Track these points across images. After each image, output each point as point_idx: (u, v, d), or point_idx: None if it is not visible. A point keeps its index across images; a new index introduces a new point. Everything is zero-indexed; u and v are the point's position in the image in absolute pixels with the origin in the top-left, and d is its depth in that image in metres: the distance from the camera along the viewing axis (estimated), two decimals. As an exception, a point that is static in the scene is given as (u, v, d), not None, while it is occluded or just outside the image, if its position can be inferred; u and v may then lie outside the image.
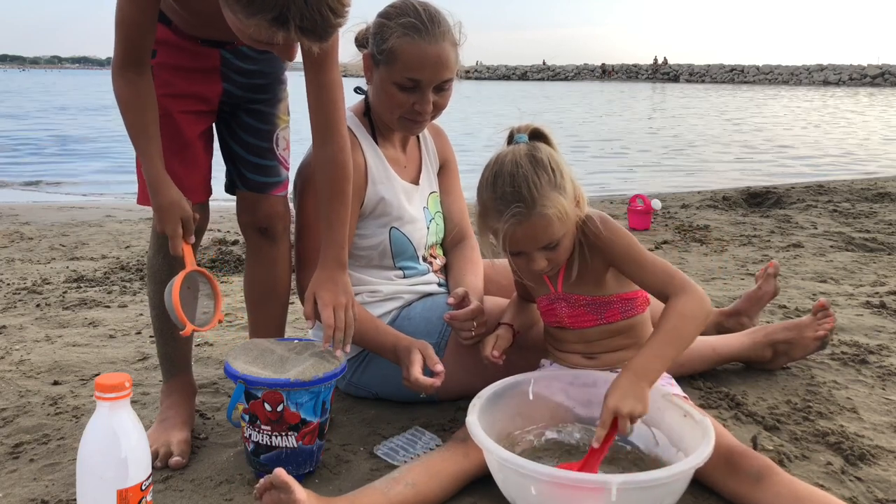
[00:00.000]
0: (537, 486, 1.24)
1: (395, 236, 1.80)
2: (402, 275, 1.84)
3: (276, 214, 1.76)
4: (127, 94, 1.46)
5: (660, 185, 6.92)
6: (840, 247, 3.70)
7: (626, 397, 1.30)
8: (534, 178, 1.39)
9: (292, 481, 1.25)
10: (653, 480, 1.19)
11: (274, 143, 1.74)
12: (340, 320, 1.51)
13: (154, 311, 1.72)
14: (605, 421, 1.31)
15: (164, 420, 1.65)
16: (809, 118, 17.34)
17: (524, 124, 1.50)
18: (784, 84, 55.02)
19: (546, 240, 1.42)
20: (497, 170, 1.43)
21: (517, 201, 1.38)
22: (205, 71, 1.60)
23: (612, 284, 1.54)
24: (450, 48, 1.65)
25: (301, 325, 2.44)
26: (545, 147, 1.45)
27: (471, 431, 1.33)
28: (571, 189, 1.43)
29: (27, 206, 5.53)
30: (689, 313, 1.40)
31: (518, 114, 16.78)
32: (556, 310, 1.58)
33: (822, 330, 2.01)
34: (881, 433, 1.70)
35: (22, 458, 1.60)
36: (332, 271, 1.55)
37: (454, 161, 2.02)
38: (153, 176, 1.49)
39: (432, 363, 1.57)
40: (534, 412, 1.53)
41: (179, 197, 1.51)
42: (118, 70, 1.46)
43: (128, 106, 1.47)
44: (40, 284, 3.04)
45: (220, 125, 1.72)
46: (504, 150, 1.46)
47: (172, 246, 1.52)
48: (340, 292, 1.53)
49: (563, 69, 76.52)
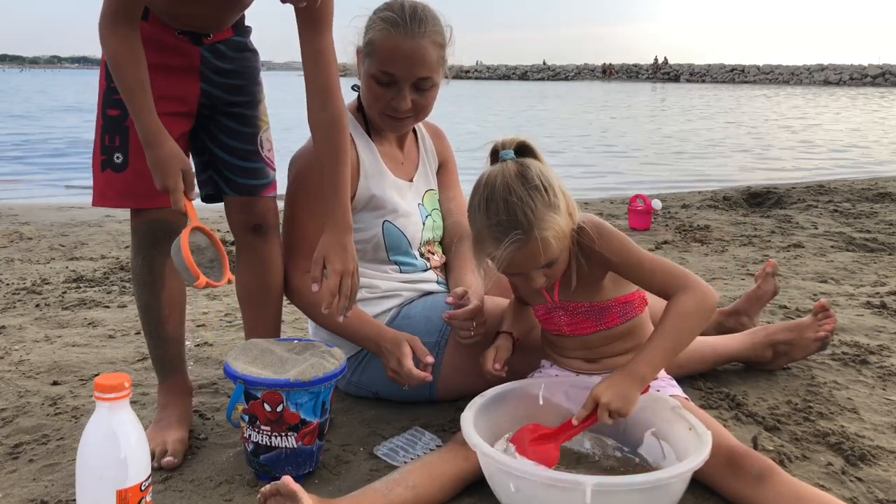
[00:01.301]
0: (516, 483, 1.25)
1: (389, 229, 1.81)
2: (398, 269, 1.84)
3: (269, 211, 1.76)
4: (121, 51, 1.44)
5: (660, 184, 6.92)
6: (841, 247, 3.70)
7: (610, 390, 1.34)
8: (529, 202, 1.35)
9: (300, 490, 1.24)
10: (627, 484, 1.20)
11: (259, 146, 1.73)
12: (347, 287, 1.51)
13: (140, 313, 1.71)
14: (587, 405, 1.36)
15: (160, 421, 1.65)
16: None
17: (509, 138, 1.46)
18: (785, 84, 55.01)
19: (545, 260, 1.40)
20: (488, 195, 1.38)
21: (514, 228, 1.35)
22: (184, 70, 1.59)
23: (609, 289, 1.53)
24: (429, 46, 1.65)
25: (301, 325, 2.43)
26: (534, 163, 1.40)
27: (462, 426, 1.35)
28: (564, 204, 1.40)
29: (27, 206, 5.53)
30: (688, 311, 1.40)
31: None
32: (555, 318, 1.57)
33: (822, 331, 2.00)
34: (882, 433, 1.70)
35: (21, 458, 1.60)
36: (341, 235, 1.54)
37: (453, 161, 2.03)
38: (150, 129, 1.46)
39: (422, 354, 1.58)
40: (543, 417, 1.52)
41: (177, 148, 1.49)
42: (110, 25, 1.43)
43: (123, 62, 1.44)
44: (40, 284, 3.04)
45: (201, 132, 1.70)
46: (493, 172, 1.40)
47: (174, 200, 1.47)
48: (349, 258, 1.53)
49: (563, 69, 76.50)
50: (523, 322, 1.71)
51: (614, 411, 1.33)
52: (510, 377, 1.58)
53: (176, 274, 1.52)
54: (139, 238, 1.66)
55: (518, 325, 1.69)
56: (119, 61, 1.45)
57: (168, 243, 1.54)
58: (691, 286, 1.42)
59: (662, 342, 1.39)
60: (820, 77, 55.87)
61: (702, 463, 1.24)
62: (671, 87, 47.37)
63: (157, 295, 1.67)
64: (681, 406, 1.43)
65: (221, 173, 1.72)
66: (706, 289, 1.43)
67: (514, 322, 1.69)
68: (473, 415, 1.39)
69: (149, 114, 1.46)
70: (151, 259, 1.65)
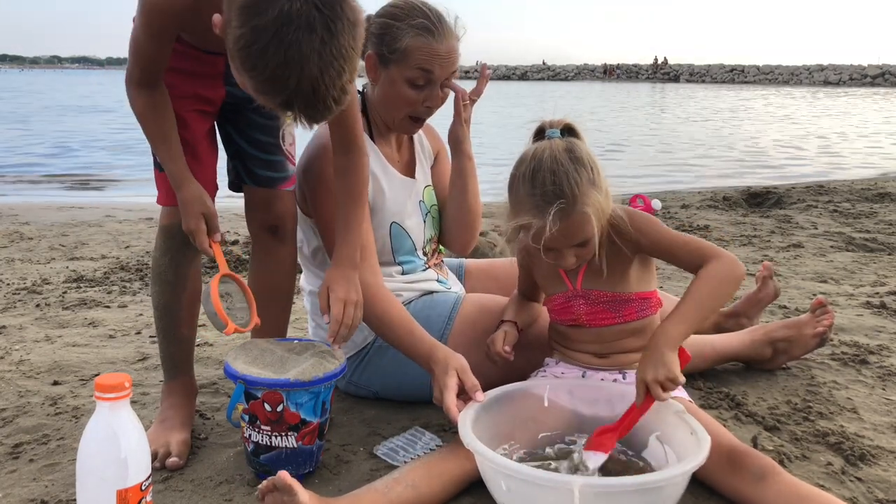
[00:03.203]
0: (507, 482, 1.26)
1: (395, 231, 1.83)
2: (402, 270, 1.85)
3: (287, 213, 1.77)
4: (146, 110, 1.50)
5: (660, 184, 6.92)
6: (840, 247, 3.70)
7: (648, 367, 1.36)
8: (575, 176, 1.39)
9: (296, 484, 1.24)
10: (617, 486, 1.20)
11: (280, 139, 1.74)
12: (349, 317, 1.53)
13: (157, 312, 1.72)
14: (639, 392, 1.37)
15: (164, 420, 1.65)
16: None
17: (556, 119, 1.51)
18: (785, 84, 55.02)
19: (581, 237, 1.43)
20: (535, 165, 1.41)
21: (560, 198, 1.38)
22: (209, 76, 1.61)
23: (633, 281, 1.55)
24: (456, 45, 1.72)
25: (301, 325, 2.44)
26: (581, 143, 1.46)
27: (458, 425, 1.35)
28: (605, 186, 1.45)
29: (27, 205, 5.53)
30: (719, 275, 1.44)
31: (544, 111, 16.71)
32: (573, 307, 1.58)
33: (820, 327, 2.01)
34: (881, 433, 1.70)
35: (22, 458, 1.60)
36: (346, 269, 1.57)
37: (445, 152, 2.04)
38: (173, 175, 1.53)
39: (472, 389, 1.47)
40: (545, 419, 1.53)
41: (201, 192, 1.54)
42: (134, 86, 1.49)
43: (146, 118, 1.51)
44: (40, 284, 3.04)
45: (226, 122, 1.73)
46: (540, 146, 1.45)
47: (197, 242, 1.53)
48: (353, 290, 1.56)
49: (563, 69, 76.54)
50: (526, 315, 1.73)
51: (663, 381, 1.34)
52: (512, 376, 1.58)
53: (198, 276, 1.58)
54: (170, 237, 1.66)
55: (521, 315, 1.71)
56: (145, 117, 1.51)
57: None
58: (722, 255, 1.47)
59: (692, 303, 1.41)
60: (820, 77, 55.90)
61: (696, 468, 1.24)
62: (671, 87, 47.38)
63: (178, 296, 1.69)
64: (685, 410, 1.43)
65: (244, 163, 1.74)
66: (735, 259, 1.47)
67: (518, 313, 1.71)
68: (472, 415, 1.40)
69: (172, 161, 1.53)
70: (179, 260, 1.67)
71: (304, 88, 1.18)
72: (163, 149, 1.53)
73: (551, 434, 1.52)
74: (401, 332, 1.62)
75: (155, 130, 1.52)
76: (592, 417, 1.51)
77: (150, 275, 1.74)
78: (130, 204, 5.62)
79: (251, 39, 1.16)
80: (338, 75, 1.19)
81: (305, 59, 1.15)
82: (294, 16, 1.14)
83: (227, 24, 1.21)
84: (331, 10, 1.17)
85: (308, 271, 1.91)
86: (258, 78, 1.19)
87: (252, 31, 1.16)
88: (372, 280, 1.67)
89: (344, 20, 1.18)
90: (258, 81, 1.20)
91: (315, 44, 1.15)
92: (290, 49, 1.15)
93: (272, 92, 1.20)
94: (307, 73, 1.16)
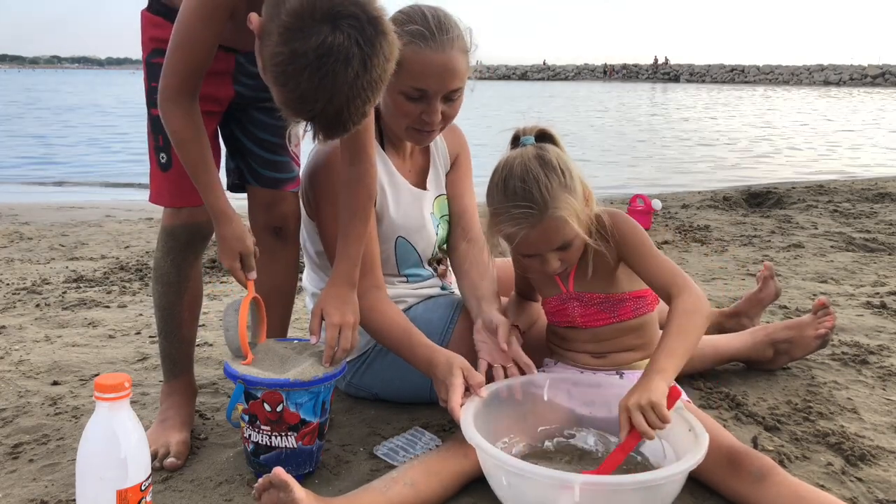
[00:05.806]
0: (508, 477, 1.26)
1: (401, 245, 1.79)
2: (406, 280, 1.84)
3: (291, 214, 1.76)
4: (185, 129, 1.44)
5: (660, 184, 6.92)
6: (840, 247, 3.70)
7: (632, 393, 1.31)
8: (544, 181, 1.40)
9: (291, 480, 1.24)
10: (616, 484, 1.20)
11: (286, 140, 1.74)
12: (346, 340, 1.51)
13: (158, 312, 1.72)
14: (623, 423, 1.31)
15: (164, 420, 1.64)
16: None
17: (530, 125, 1.52)
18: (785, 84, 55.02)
19: (559, 241, 1.44)
20: (507, 174, 1.44)
21: (529, 204, 1.39)
22: (218, 74, 1.58)
23: (623, 282, 1.56)
24: (458, 56, 1.58)
25: (301, 325, 2.44)
26: (552, 148, 1.47)
27: (462, 421, 1.35)
28: (580, 188, 1.45)
29: (27, 205, 5.53)
30: (693, 308, 1.43)
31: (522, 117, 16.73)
32: (568, 310, 1.59)
33: (822, 328, 2.01)
34: (882, 433, 1.70)
35: (21, 458, 1.60)
36: (342, 288, 1.55)
37: (466, 156, 1.94)
38: (213, 208, 1.49)
39: (478, 386, 1.47)
40: (544, 415, 1.53)
41: (242, 231, 1.51)
42: (173, 98, 1.42)
43: (186, 140, 1.44)
44: (40, 284, 3.04)
45: (230, 122, 1.72)
46: (512, 154, 1.47)
47: (236, 279, 1.54)
48: (349, 311, 1.54)
49: (563, 69, 76.55)
50: (526, 316, 1.73)
51: (644, 405, 1.27)
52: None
53: (200, 276, 1.58)
54: (173, 239, 1.65)
55: (521, 318, 1.71)
56: (183, 138, 1.45)
57: (200, 247, 1.63)
58: (693, 288, 1.46)
59: (675, 339, 1.39)
60: (820, 77, 55.90)
61: (694, 466, 1.24)
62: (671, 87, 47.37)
63: (181, 297, 1.68)
64: (683, 407, 1.43)
65: (248, 164, 1.74)
66: (702, 294, 1.47)
67: (518, 315, 1.71)
68: (473, 410, 1.40)
69: (212, 193, 1.48)
70: (181, 261, 1.66)
71: (328, 112, 1.21)
72: (204, 179, 1.46)
73: (550, 428, 1.53)
74: (400, 342, 1.61)
75: (196, 156, 1.45)
76: (591, 416, 1.52)
77: (152, 276, 1.74)
78: (130, 204, 5.63)
79: (288, 60, 1.18)
80: (363, 104, 1.23)
81: (337, 90, 1.19)
82: (335, 49, 1.17)
83: (266, 33, 1.22)
84: (371, 47, 1.19)
85: (311, 272, 1.90)
86: (287, 95, 1.22)
87: (291, 53, 1.18)
88: (374, 293, 1.65)
89: (380, 56, 1.21)
90: (286, 97, 1.22)
91: (349, 77, 1.19)
92: (325, 79, 1.18)
93: (297, 108, 1.23)
94: (335, 101, 1.20)
